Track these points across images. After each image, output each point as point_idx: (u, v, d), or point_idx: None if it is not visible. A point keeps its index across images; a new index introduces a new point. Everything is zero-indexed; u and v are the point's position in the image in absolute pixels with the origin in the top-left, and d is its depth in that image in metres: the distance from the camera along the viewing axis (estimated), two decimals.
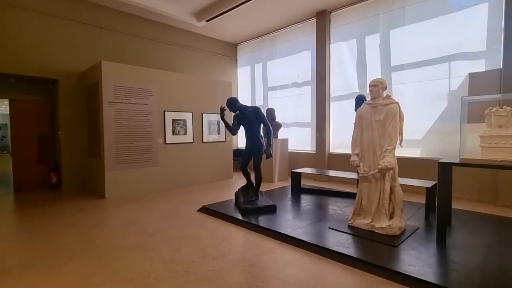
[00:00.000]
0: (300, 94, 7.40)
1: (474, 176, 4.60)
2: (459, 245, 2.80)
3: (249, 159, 4.45)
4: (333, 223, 3.46)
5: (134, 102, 5.30)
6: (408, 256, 2.57)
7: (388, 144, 3.02)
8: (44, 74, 5.47)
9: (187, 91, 6.21)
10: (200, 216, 4.01)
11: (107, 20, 6.23)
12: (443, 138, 5.06)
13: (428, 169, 4.96)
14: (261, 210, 3.98)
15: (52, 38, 5.54)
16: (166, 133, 5.79)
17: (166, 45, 7.21)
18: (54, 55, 5.56)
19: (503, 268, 2.34)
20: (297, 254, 2.76)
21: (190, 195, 5.31)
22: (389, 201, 3.11)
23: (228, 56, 8.75)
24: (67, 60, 5.70)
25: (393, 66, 5.68)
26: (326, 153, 6.66)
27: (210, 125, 6.66)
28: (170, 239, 3.15)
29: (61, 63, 5.63)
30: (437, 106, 5.16)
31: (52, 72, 5.55)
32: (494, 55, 4.56)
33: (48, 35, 5.49)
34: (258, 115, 4.20)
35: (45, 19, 5.46)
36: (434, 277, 2.21)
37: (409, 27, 5.45)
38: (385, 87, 3.19)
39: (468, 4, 4.82)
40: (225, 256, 2.70)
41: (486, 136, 2.76)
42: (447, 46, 5.01)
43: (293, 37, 7.45)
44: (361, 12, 6.08)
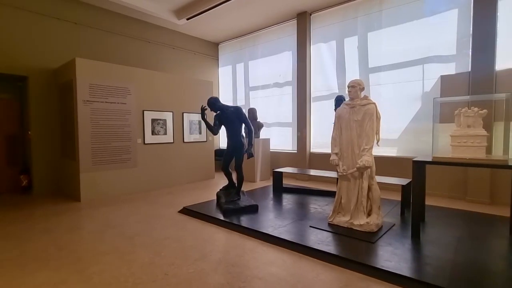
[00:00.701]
0: (281, 94, 7.46)
1: (446, 173, 4.83)
2: (432, 240, 2.93)
3: (230, 159, 4.43)
4: (313, 222, 3.51)
5: (111, 101, 5.12)
6: (385, 251, 2.66)
7: (366, 143, 3.11)
8: (13, 70, 5.16)
9: (167, 90, 6.08)
10: (181, 217, 3.94)
11: (83, 16, 5.98)
12: (417, 138, 5.28)
13: (403, 168, 5.15)
14: (243, 210, 3.97)
15: (21, 33, 5.24)
16: (145, 133, 5.64)
17: (145, 43, 7.04)
18: (24, 50, 5.26)
19: (472, 261, 2.48)
20: (278, 253, 2.78)
21: (171, 196, 5.21)
22: (367, 199, 3.20)
23: (209, 55, 8.67)
24: (38, 57, 5.41)
25: (371, 68, 5.85)
26: (307, 152, 6.76)
27: (191, 125, 6.56)
28: (150, 241, 3.07)
29: (31, 59, 5.34)
30: (412, 107, 5.37)
31: (22, 69, 5.25)
32: (463, 59, 4.81)
33: (17, 29, 5.19)
34: (239, 115, 4.19)
35: (14, 13, 5.15)
36: (409, 271, 2.30)
37: (385, 30, 5.64)
38: (363, 88, 3.28)
39: (439, 10, 5.05)
40: (206, 257, 2.67)
41: (456, 135, 2.91)
42: (421, 49, 5.22)
43: (275, 37, 7.49)
44: (340, 15, 6.22)
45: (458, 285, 2.07)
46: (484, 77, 4.49)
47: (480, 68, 4.53)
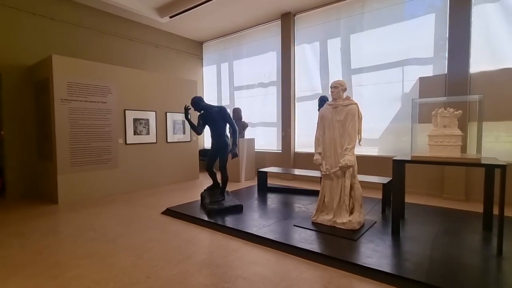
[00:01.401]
0: (266, 94, 7.49)
1: (424, 172, 5.01)
2: (411, 236, 3.02)
3: (215, 159, 4.40)
4: (297, 221, 3.55)
5: (91, 100, 4.96)
6: (366, 249, 2.72)
7: (348, 143, 3.17)
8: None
9: (150, 89, 5.96)
10: (164, 218, 3.88)
11: (60, 11, 5.75)
12: (398, 137, 5.44)
13: (385, 166, 5.29)
14: (227, 210, 3.95)
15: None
16: (127, 133, 5.50)
17: (126, 41, 6.86)
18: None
19: (448, 255, 2.58)
20: (262, 252, 2.79)
21: (153, 197, 5.11)
22: (349, 197, 3.27)
23: (193, 54, 8.57)
24: (11, 53, 5.15)
25: (353, 69, 5.97)
26: (291, 152, 6.81)
27: (174, 124, 6.46)
28: (132, 244, 3.00)
29: (4, 55, 5.07)
30: (392, 107, 5.53)
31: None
32: (440, 61, 5.00)
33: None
34: (224, 115, 4.17)
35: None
36: (389, 267, 2.37)
37: (367, 32, 5.77)
38: (345, 88, 3.34)
39: (418, 13, 5.23)
40: (190, 259, 2.64)
41: (433, 135, 3.02)
42: (401, 52, 5.38)
43: (259, 38, 7.51)
44: (323, 16, 6.31)
45: (434, 279, 2.15)
46: (459, 79, 4.68)
47: (455, 71, 4.72)
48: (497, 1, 4.50)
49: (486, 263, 2.44)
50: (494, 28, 4.55)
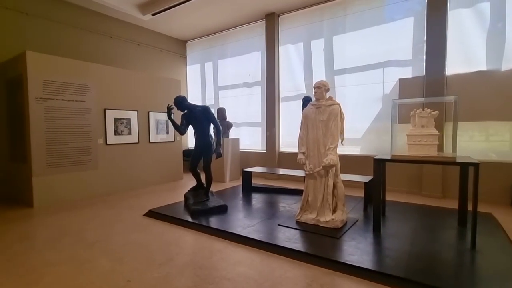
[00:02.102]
0: (251, 94, 7.48)
1: (404, 170, 5.16)
2: (391, 233, 3.11)
3: (198, 159, 4.34)
4: (282, 220, 3.57)
5: (68, 99, 4.78)
6: (348, 246, 2.77)
7: (331, 142, 3.22)
8: None
9: (132, 88, 5.81)
10: (146, 220, 3.79)
11: (35, 6, 5.50)
12: (379, 137, 5.57)
13: (367, 165, 5.41)
14: (211, 210, 3.91)
15: None
16: (108, 133, 5.34)
17: (106, 38, 6.66)
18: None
19: (426, 250, 2.67)
20: (247, 252, 2.78)
21: (135, 199, 4.98)
22: (332, 196, 3.31)
23: (176, 53, 8.43)
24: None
25: (336, 70, 6.08)
26: (276, 152, 6.84)
27: (157, 124, 6.34)
28: (111, 248, 2.91)
29: None
30: (374, 108, 5.67)
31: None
32: (418, 64, 5.17)
33: None
34: (208, 114, 4.13)
35: None
36: (371, 264, 2.42)
37: (349, 34, 5.89)
38: (328, 89, 3.39)
39: (398, 17, 5.39)
40: (172, 261, 2.59)
41: (412, 134, 3.12)
42: (381, 54, 5.53)
43: (244, 37, 7.49)
44: (307, 17, 6.38)
45: (413, 274, 2.21)
46: (436, 81, 4.86)
47: (432, 73, 4.90)
48: (471, 6, 4.71)
49: (461, 257, 2.55)
50: (468, 33, 4.76)
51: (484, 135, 4.76)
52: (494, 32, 4.55)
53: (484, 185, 4.29)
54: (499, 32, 4.52)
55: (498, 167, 4.47)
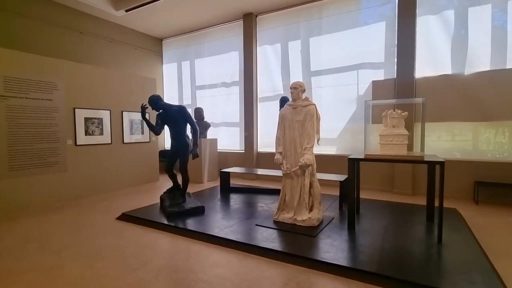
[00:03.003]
0: (229, 94, 7.44)
1: (376, 169, 5.36)
2: (365, 230, 3.21)
3: (175, 160, 4.25)
4: (259, 220, 3.57)
5: (33, 97, 4.50)
6: (324, 244, 2.82)
7: (307, 142, 3.27)
8: None
9: (103, 86, 5.58)
10: (120, 224, 3.65)
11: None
12: (354, 137, 5.74)
13: (342, 165, 5.54)
14: (188, 212, 3.84)
15: None
16: (77, 133, 5.08)
17: (76, 34, 6.33)
18: None
19: (396, 246, 2.78)
20: (224, 254, 2.75)
21: (108, 202, 4.78)
22: (309, 195, 3.37)
23: (152, 51, 8.20)
24: None
25: (313, 71, 6.19)
26: (254, 152, 6.85)
27: (132, 124, 6.13)
28: (81, 253, 2.77)
29: None
30: (349, 108, 5.83)
31: None
32: (390, 66, 5.39)
33: None
34: (184, 114, 4.05)
35: None
36: (345, 260, 2.49)
37: (325, 36, 6.02)
38: (304, 89, 3.44)
39: (371, 21, 5.59)
40: (147, 265, 2.51)
41: (384, 134, 3.24)
42: (356, 56, 5.70)
43: (221, 37, 7.43)
44: (284, 19, 6.45)
45: (384, 269, 2.30)
46: (406, 83, 5.09)
47: (403, 75, 5.13)
48: (437, 13, 4.98)
49: (429, 251, 2.68)
50: (435, 38, 5.03)
51: (450, 135, 5.06)
52: (458, 38, 4.85)
53: (449, 182, 4.54)
54: (462, 38, 4.82)
55: (462, 165, 4.76)
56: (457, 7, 4.86)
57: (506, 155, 4.56)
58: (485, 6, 4.65)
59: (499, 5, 4.55)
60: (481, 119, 4.66)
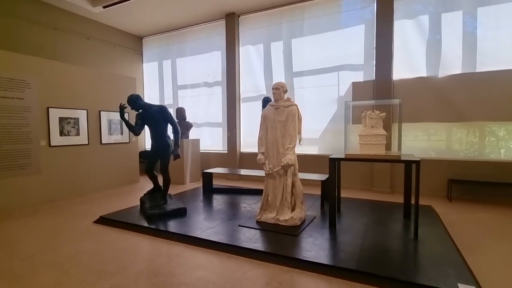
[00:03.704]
0: (211, 94, 7.37)
1: (356, 168, 5.49)
2: (346, 228, 3.28)
3: (155, 161, 4.16)
4: (242, 220, 3.56)
5: (2, 96, 4.25)
6: (306, 243, 2.86)
7: (289, 142, 3.30)
8: None
9: (80, 85, 5.36)
10: (98, 228, 3.52)
11: None
12: (336, 137, 5.84)
13: (324, 164, 5.62)
14: (170, 214, 3.77)
15: None
16: (51, 134, 4.86)
17: (50, 30, 6.05)
18: None
19: (375, 243, 2.86)
20: (206, 255, 2.72)
21: (85, 205, 4.61)
22: (291, 195, 3.40)
23: (131, 49, 7.98)
24: None
25: (295, 72, 6.25)
26: (237, 152, 6.83)
27: (110, 124, 5.93)
28: (56, 259, 2.64)
29: None
30: (330, 109, 5.94)
31: None
32: (370, 68, 5.54)
33: None
34: (165, 114, 3.97)
35: None
36: (326, 258, 2.53)
37: (307, 38, 6.10)
38: (286, 90, 3.47)
39: (351, 23, 5.72)
40: (126, 270, 2.43)
41: (363, 134, 3.32)
42: (337, 58, 5.82)
43: (204, 36, 7.36)
44: (267, 19, 6.48)
45: (364, 266, 2.36)
46: (384, 85, 5.25)
47: (381, 77, 5.29)
48: (413, 18, 5.18)
49: (406, 247, 2.78)
50: (411, 42, 5.22)
51: (426, 135, 5.27)
52: (433, 42, 5.06)
53: (425, 181, 4.74)
54: (436, 42, 5.03)
55: (436, 163, 4.97)
56: (432, 12, 5.07)
57: (476, 154, 4.81)
58: (457, 12, 4.89)
59: (469, 11, 4.80)
60: (454, 120, 4.89)
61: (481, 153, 4.77)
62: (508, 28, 4.55)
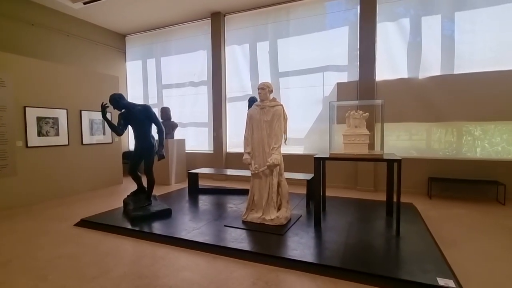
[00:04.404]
0: (197, 94, 7.30)
1: (341, 167, 5.58)
2: (330, 227, 3.32)
3: (139, 161, 4.07)
4: (228, 221, 3.55)
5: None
6: (292, 242, 2.88)
7: (275, 142, 3.31)
8: None
9: (59, 83, 5.18)
10: (78, 231, 3.41)
11: None
12: (321, 137, 5.92)
13: (309, 164, 5.68)
14: (154, 215, 3.71)
15: None
16: (29, 134, 4.66)
17: (27, 26, 5.80)
18: None
19: (359, 240, 2.92)
20: (192, 257, 2.69)
21: (65, 208, 4.45)
22: (277, 194, 3.41)
23: (114, 47, 7.78)
24: None
25: (281, 72, 6.29)
26: (223, 152, 6.80)
27: (92, 124, 5.76)
28: (33, 265, 2.54)
29: None
30: (315, 109, 6.01)
31: None
32: (353, 69, 5.64)
33: None
34: (149, 114, 3.89)
35: None
36: (312, 257, 2.55)
37: (293, 38, 6.15)
38: (272, 90, 3.48)
39: (336, 25, 5.80)
40: (108, 273, 2.37)
41: (347, 134, 3.38)
42: (322, 58, 5.89)
43: (189, 35, 7.27)
44: (252, 19, 6.48)
45: (347, 263, 2.40)
46: (367, 86, 5.37)
47: (365, 78, 5.40)
48: (395, 20, 5.32)
49: (388, 244, 2.85)
50: (392, 44, 5.36)
51: (408, 135, 5.42)
52: (413, 44, 5.22)
53: (406, 179, 4.88)
54: (417, 45, 5.19)
55: (417, 162, 5.13)
56: (412, 15, 5.22)
57: (454, 152, 5.00)
58: (436, 16, 5.06)
59: (447, 15, 4.98)
60: (433, 120, 5.06)
61: (459, 152, 4.97)
62: (482, 32, 4.76)
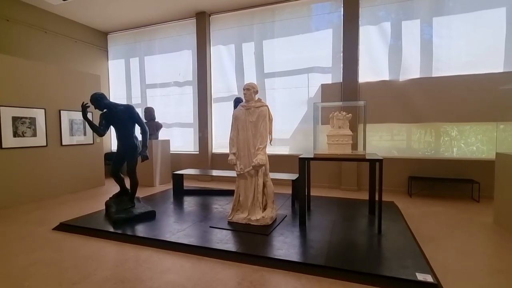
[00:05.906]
0: (182, 94, 7.21)
1: (325, 167, 5.67)
2: (315, 226, 3.37)
3: (121, 162, 3.98)
4: (214, 222, 3.53)
5: None
6: (277, 241, 2.90)
7: (260, 143, 3.33)
8: None
9: (37, 82, 4.98)
10: (57, 235, 3.29)
11: None
12: (306, 137, 5.99)
13: (294, 164, 5.73)
14: (137, 218, 3.63)
15: None
16: (4, 135, 4.45)
17: (1, 21, 5.54)
18: None
19: (342, 239, 2.98)
20: (176, 259, 2.66)
21: (43, 211, 4.29)
22: (262, 195, 3.43)
23: (95, 45, 7.57)
24: None
25: (266, 73, 6.32)
26: (209, 153, 6.75)
27: (72, 124, 5.58)
28: (9, 271, 2.43)
29: None
30: (300, 110, 6.08)
31: None
32: (337, 71, 5.75)
33: None
34: (132, 114, 3.81)
35: None
36: (296, 256, 2.58)
37: (278, 39, 6.20)
38: (257, 91, 3.50)
39: (320, 27, 5.90)
40: (89, 278, 2.30)
41: (331, 135, 3.44)
42: (307, 60, 5.97)
43: (173, 34, 7.18)
44: (238, 20, 6.48)
45: (331, 261, 2.45)
46: (351, 87, 5.49)
47: (348, 80, 5.52)
48: (377, 24, 5.46)
49: (370, 241, 2.92)
50: (374, 47, 5.51)
51: (390, 135, 5.58)
52: (394, 47, 5.38)
53: (388, 178, 5.03)
54: (398, 48, 5.36)
55: (398, 162, 5.29)
56: (393, 19, 5.39)
57: (433, 152, 5.19)
58: (415, 21, 5.24)
59: (426, 20, 5.17)
60: (413, 121, 5.23)
61: (437, 152, 5.16)
62: (458, 37, 4.97)
